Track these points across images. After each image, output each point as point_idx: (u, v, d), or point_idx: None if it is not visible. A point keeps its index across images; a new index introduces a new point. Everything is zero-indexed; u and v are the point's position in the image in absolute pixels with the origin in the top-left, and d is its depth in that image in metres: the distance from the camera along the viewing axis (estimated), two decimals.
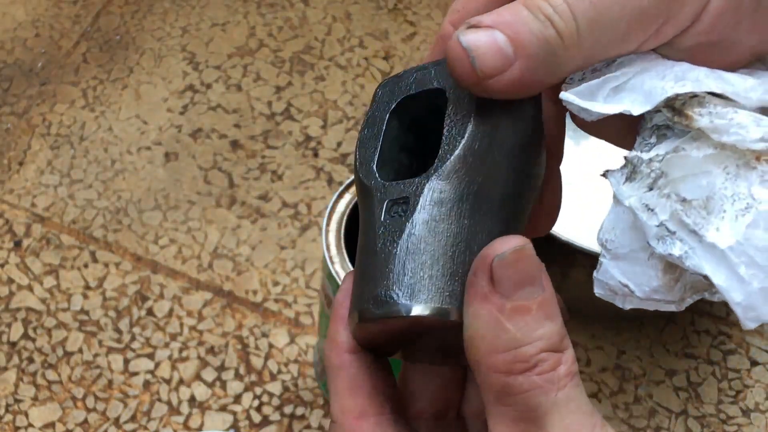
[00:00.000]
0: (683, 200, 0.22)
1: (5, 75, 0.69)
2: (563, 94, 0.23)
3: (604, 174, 0.24)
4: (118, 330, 0.56)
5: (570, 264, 0.53)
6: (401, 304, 0.22)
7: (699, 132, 0.22)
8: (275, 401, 0.54)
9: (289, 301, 0.58)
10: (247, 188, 0.63)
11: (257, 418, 0.54)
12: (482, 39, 0.22)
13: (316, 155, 0.65)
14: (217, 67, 0.70)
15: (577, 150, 0.60)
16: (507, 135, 0.24)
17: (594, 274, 0.24)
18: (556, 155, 0.28)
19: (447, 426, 0.28)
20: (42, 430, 0.53)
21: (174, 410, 0.54)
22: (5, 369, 0.55)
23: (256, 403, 0.54)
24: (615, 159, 0.24)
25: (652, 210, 0.22)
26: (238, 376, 0.55)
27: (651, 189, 0.22)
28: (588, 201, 0.55)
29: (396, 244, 0.23)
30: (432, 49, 0.28)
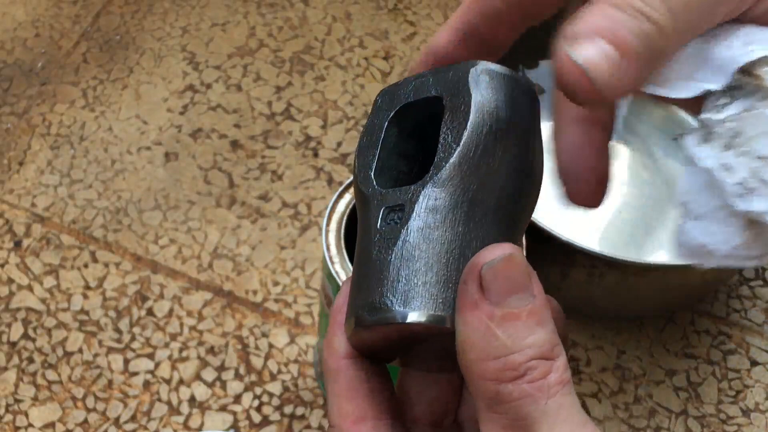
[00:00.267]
0: (761, 157, 0.22)
1: (5, 75, 0.69)
2: (647, 87, 0.23)
3: (677, 137, 0.24)
4: (118, 330, 0.56)
5: (570, 264, 0.53)
6: (395, 311, 0.22)
7: None
8: (275, 401, 0.54)
9: (289, 301, 0.58)
10: (247, 188, 0.63)
11: (257, 418, 0.54)
12: (592, 52, 0.21)
13: (316, 155, 0.65)
14: (217, 67, 0.70)
15: None
16: (504, 140, 0.24)
17: (676, 238, 0.24)
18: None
19: (444, 431, 0.28)
20: (42, 430, 0.53)
21: (174, 410, 0.54)
22: (5, 369, 0.55)
23: (256, 403, 0.54)
24: (614, 159, 0.24)
25: (730, 169, 0.22)
26: (238, 376, 0.55)
27: (728, 148, 0.23)
28: None
29: (391, 251, 0.23)
30: (419, 62, 0.27)
